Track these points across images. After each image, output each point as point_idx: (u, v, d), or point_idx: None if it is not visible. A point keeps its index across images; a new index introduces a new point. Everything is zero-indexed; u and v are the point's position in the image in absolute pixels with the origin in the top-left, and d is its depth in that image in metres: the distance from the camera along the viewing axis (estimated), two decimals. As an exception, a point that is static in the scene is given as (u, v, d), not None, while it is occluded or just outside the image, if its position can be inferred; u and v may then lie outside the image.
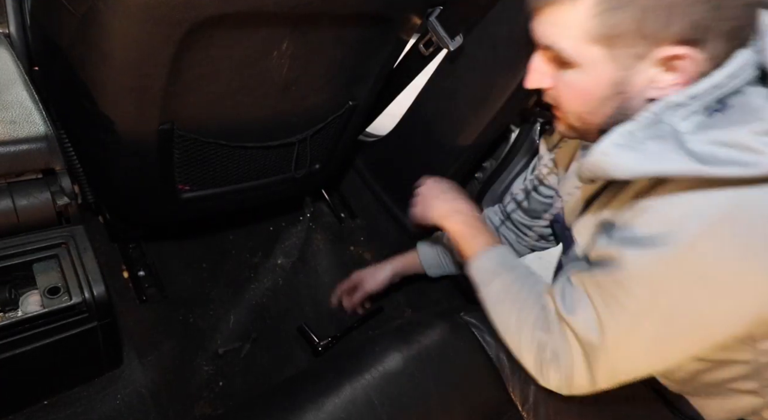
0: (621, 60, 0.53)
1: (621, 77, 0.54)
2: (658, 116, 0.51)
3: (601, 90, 0.56)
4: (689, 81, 0.52)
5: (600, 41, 0.52)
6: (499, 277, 0.71)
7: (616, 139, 0.52)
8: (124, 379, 0.88)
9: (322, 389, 0.70)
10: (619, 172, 0.51)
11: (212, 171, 0.95)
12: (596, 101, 0.57)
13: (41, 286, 0.67)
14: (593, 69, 0.55)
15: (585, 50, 0.54)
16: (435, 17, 0.97)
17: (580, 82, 0.57)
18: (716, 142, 0.47)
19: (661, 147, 0.49)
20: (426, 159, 1.20)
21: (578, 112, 0.60)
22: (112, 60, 0.64)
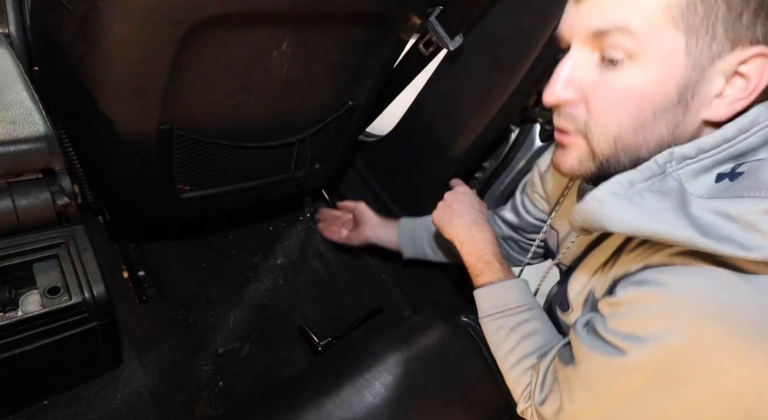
0: (699, 56, 0.43)
1: (693, 81, 0.44)
2: (662, 168, 0.46)
3: (664, 94, 0.46)
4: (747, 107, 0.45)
5: (686, 25, 0.43)
6: (496, 321, 0.73)
7: (614, 187, 0.46)
8: (124, 379, 0.88)
9: (322, 389, 0.70)
10: (613, 226, 0.45)
11: (212, 171, 0.95)
12: (652, 111, 0.47)
13: (41, 286, 0.67)
14: (665, 63, 0.44)
15: (663, 36, 0.44)
16: (435, 17, 0.97)
17: (640, 82, 0.46)
18: (720, 212, 0.41)
19: (661, 204, 0.44)
20: (426, 159, 1.20)
21: (619, 130, 0.49)
22: (112, 60, 0.64)
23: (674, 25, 0.43)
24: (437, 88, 1.12)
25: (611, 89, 0.48)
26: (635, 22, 0.44)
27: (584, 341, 0.54)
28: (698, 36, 0.43)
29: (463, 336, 0.82)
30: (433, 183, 1.20)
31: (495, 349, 0.74)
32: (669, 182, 0.45)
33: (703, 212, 0.42)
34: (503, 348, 0.72)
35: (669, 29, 0.43)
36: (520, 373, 0.69)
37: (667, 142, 0.48)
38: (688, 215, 0.42)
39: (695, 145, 0.45)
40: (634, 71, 0.46)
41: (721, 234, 0.40)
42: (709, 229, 0.41)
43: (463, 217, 0.83)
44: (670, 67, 0.44)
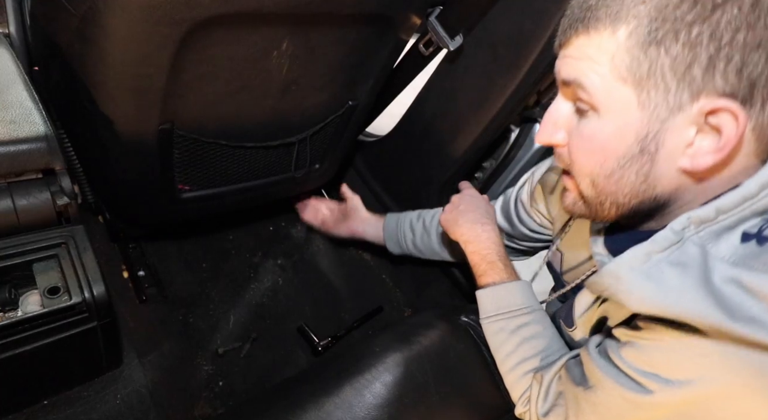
0: (654, 108, 0.43)
1: (651, 131, 0.44)
2: (679, 235, 0.43)
3: (625, 146, 0.46)
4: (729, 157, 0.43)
5: (632, 81, 0.43)
6: (497, 323, 0.74)
7: (630, 261, 0.44)
8: (124, 379, 0.88)
9: (322, 389, 0.70)
10: (633, 305, 0.44)
11: (212, 171, 0.95)
12: (616, 160, 0.47)
13: (41, 286, 0.67)
14: (619, 116, 0.45)
15: (614, 90, 0.44)
16: (435, 17, 0.97)
17: (601, 133, 0.47)
18: (747, 288, 0.39)
19: (682, 280, 0.41)
20: (426, 159, 1.20)
21: (593, 175, 0.50)
22: (112, 60, 0.64)
23: (622, 79, 0.44)
24: (437, 88, 1.12)
25: (582, 137, 0.49)
26: (588, 78, 0.45)
27: (599, 366, 0.53)
28: (649, 89, 0.43)
29: (463, 336, 0.82)
30: (433, 183, 1.20)
31: (495, 350, 0.74)
32: (688, 249, 0.43)
33: (729, 286, 0.39)
34: (503, 350, 0.72)
35: (618, 84, 0.44)
36: (519, 376, 0.69)
37: (642, 189, 0.48)
38: (713, 291, 0.40)
39: (714, 207, 0.43)
40: (596, 122, 0.47)
41: (749, 314, 0.38)
42: (736, 309, 0.38)
43: (468, 216, 0.83)
44: (625, 120, 0.45)
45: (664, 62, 0.41)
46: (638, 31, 0.42)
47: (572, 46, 0.47)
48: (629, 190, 0.48)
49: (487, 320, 0.75)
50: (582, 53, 0.46)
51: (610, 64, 0.44)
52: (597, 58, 0.44)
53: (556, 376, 0.64)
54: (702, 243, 0.43)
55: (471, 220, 0.83)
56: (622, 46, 0.43)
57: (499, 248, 0.80)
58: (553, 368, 0.65)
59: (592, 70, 0.45)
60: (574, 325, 0.68)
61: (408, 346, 0.77)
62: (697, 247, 0.43)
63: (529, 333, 0.71)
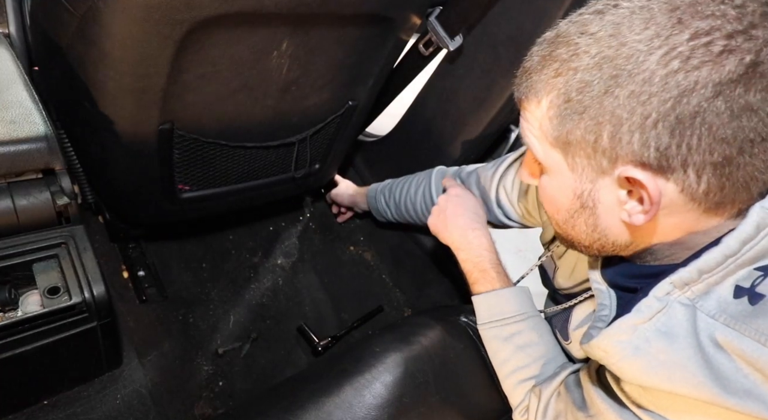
0: (582, 171, 0.45)
1: (585, 190, 0.46)
2: (662, 301, 0.43)
3: (568, 201, 0.49)
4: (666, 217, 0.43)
5: (558, 146, 0.46)
6: (491, 330, 0.74)
7: (617, 335, 0.44)
8: (124, 379, 0.88)
9: (322, 389, 0.70)
10: (626, 378, 0.45)
11: (212, 171, 0.95)
12: (565, 212, 0.50)
13: (41, 286, 0.67)
14: (557, 175, 0.48)
15: (547, 152, 0.48)
16: (435, 17, 0.97)
17: (549, 188, 0.51)
18: (741, 357, 0.38)
19: (670, 355, 0.41)
20: (426, 159, 1.20)
21: (554, 220, 0.54)
22: (111, 60, 0.64)
23: (551, 145, 0.47)
24: (437, 88, 1.12)
25: (540, 187, 0.53)
26: (529, 140, 0.49)
27: (600, 397, 0.53)
28: (573, 154, 0.45)
29: (463, 336, 0.82)
30: (433, 183, 1.20)
31: (491, 356, 0.74)
32: (676, 312, 0.42)
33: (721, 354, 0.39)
34: (498, 357, 0.73)
35: (549, 148, 0.47)
36: (515, 384, 0.69)
37: (596, 237, 0.49)
38: (705, 361, 0.39)
39: (695, 268, 0.42)
40: (545, 178, 0.51)
41: (743, 387, 0.38)
42: (731, 380, 0.38)
43: (457, 221, 0.81)
44: (562, 179, 0.48)
45: (578, 132, 0.43)
46: (555, 103, 0.44)
47: (522, 107, 0.50)
48: (585, 237, 0.51)
49: (482, 327, 0.75)
50: (524, 116, 0.49)
51: (540, 130, 0.47)
52: (532, 122, 0.48)
53: (555, 392, 0.63)
54: (690, 302, 0.42)
55: (460, 225, 0.81)
56: (545, 115, 0.45)
57: (491, 255, 0.78)
58: (552, 384, 0.64)
59: (530, 133, 0.49)
60: (569, 339, 0.68)
61: (408, 346, 0.77)
62: (685, 307, 0.42)
63: (523, 341, 0.71)
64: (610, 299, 0.54)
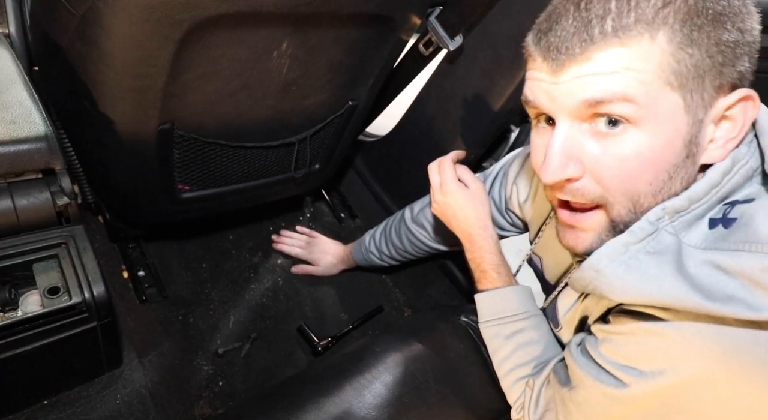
0: (696, 109, 0.43)
1: (693, 134, 0.44)
2: (654, 225, 0.44)
3: (675, 154, 0.44)
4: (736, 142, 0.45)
5: (680, 84, 0.42)
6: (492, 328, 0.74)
7: (609, 254, 0.45)
8: (124, 379, 0.88)
9: (323, 389, 0.70)
10: (615, 296, 0.45)
11: (212, 171, 0.95)
12: (667, 172, 0.45)
13: (41, 286, 0.67)
14: (669, 124, 0.43)
15: (662, 97, 0.42)
16: (435, 17, 0.97)
17: (649, 147, 0.44)
18: (721, 268, 0.40)
19: (659, 268, 0.43)
20: (426, 159, 1.19)
21: (638, 195, 0.46)
22: (111, 60, 0.64)
23: (670, 85, 0.42)
24: (437, 88, 1.12)
25: (620, 159, 0.45)
26: (632, 89, 0.42)
27: (579, 365, 0.54)
28: (692, 91, 0.43)
29: (463, 336, 0.82)
30: (433, 183, 1.20)
31: (492, 354, 0.75)
32: (664, 238, 0.44)
33: (704, 268, 0.41)
34: (499, 355, 0.73)
35: (666, 90, 0.42)
36: (513, 381, 0.70)
37: (675, 192, 0.46)
38: (688, 277, 0.41)
39: (686, 197, 0.44)
40: (640, 137, 0.44)
41: (725, 293, 0.39)
42: (713, 290, 0.40)
43: (459, 219, 0.81)
44: (674, 126, 0.43)
45: (703, 61, 0.42)
46: (677, 34, 0.41)
47: (596, 60, 0.42)
48: (668, 198, 0.46)
49: (483, 325, 0.75)
50: (617, 65, 0.42)
51: (657, 70, 0.42)
52: (639, 66, 0.42)
53: (546, 380, 0.64)
54: (675, 232, 0.44)
55: (463, 228, 0.80)
56: (666, 50, 0.41)
57: (492, 256, 0.78)
58: (543, 373, 0.65)
59: (636, 80, 0.42)
60: (560, 325, 0.69)
61: (408, 346, 0.77)
62: (671, 236, 0.44)
63: (524, 339, 0.71)
64: None
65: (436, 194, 0.83)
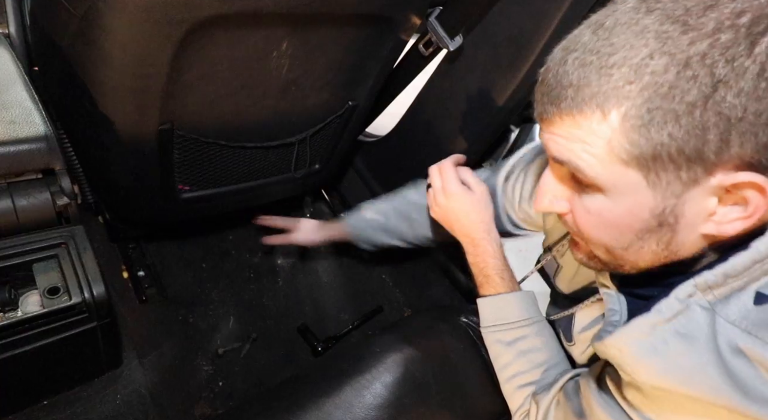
0: (666, 186, 0.40)
1: (667, 206, 0.41)
2: (684, 303, 0.41)
3: (640, 222, 0.42)
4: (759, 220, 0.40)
5: (637, 163, 0.39)
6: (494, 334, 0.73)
7: (634, 335, 0.42)
8: (124, 379, 0.88)
9: (323, 389, 0.70)
10: (640, 379, 0.43)
11: (212, 171, 0.95)
12: (632, 235, 0.44)
13: (41, 286, 0.67)
14: (628, 196, 0.41)
15: (616, 173, 0.40)
16: (435, 17, 0.97)
17: (611, 212, 0.43)
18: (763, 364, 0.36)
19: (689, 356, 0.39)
20: (426, 159, 1.19)
21: (608, 247, 0.46)
22: (111, 60, 0.64)
23: (623, 163, 0.40)
24: (437, 88, 1.12)
25: (587, 211, 0.45)
26: (584, 162, 0.41)
27: (600, 405, 0.51)
28: (657, 170, 0.39)
29: (463, 336, 0.82)
30: (433, 183, 1.20)
31: (493, 360, 0.74)
32: (695, 315, 0.40)
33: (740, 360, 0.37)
34: (500, 361, 0.72)
35: (620, 166, 0.40)
36: (515, 388, 0.69)
37: (665, 255, 0.44)
38: (724, 366, 0.38)
39: (721, 272, 0.40)
40: (603, 201, 0.43)
41: (764, 395, 0.36)
42: (750, 388, 0.37)
43: (463, 230, 0.78)
44: (636, 199, 0.41)
45: (669, 144, 0.37)
46: (633, 113, 0.38)
47: (557, 125, 0.42)
48: (650, 257, 0.45)
49: (485, 330, 0.74)
50: (571, 135, 0.41)
51: (606, 147, 0.40)
52: (590, 141, 0.40)
53: (555, 400, 0.63)
54: (710, 306, 0.40)
55: (466, 231, 0.78)
56: (617, 130, 0.39)
57: (495, 261, 0.75)
58: (551, 391, 0.63)
59: (586, 152, 0.41)
60: (573, 341, 0.67)
61: (408, 346, 0.77)
62: (705, 310, 0.40)
63: (526, 346, 0.70)
64: (620, 304, 0.51)
65: (438, 197, 0.80)
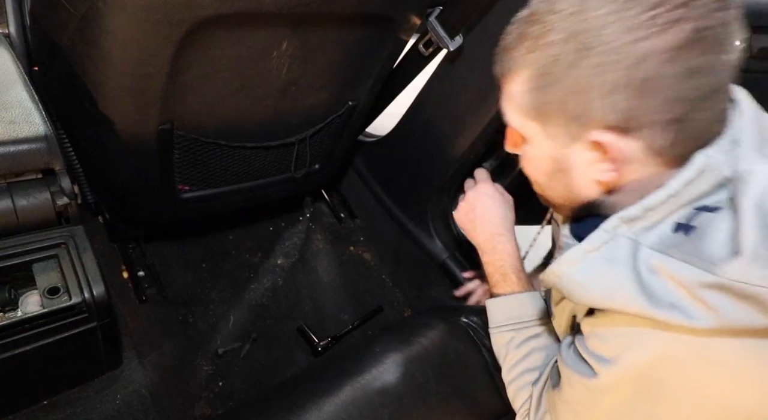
0: (557, 138, 0.51)
1: (560, 155, 0.52)
2: (611, 233, 0.48)
3: (545, 165, 0.55)
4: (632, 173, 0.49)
5: (535, 117, 0.52)
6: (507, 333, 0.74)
7: (569, 260, 0.50)
8: (124, 379, 0.88)
9: (322, 389, 0.70)
10: (574, 298, 0.51)
11: (212, 171, 0.95)
12: (545, 176, 0.57)
13: (41, 286, 0.67)
14: (535, 144, 0.54)
15: (525, 124, 0.53)
16: (435, 17, 0.97)
17: (529, 155, 0.57)
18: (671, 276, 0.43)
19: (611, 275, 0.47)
20: (426, 159, 1.20)
21: (535, 183, 0.60)
22: (111, 60, 0.64)
23: (528, 116, 0.52)
24: (437, 89, 1.12)
25: (522, 155, 0.59)
26: (510, 116, 0.55)
27: (567, 364, 0.56)
28: (549, 124, 0.51)
29: (463, 336, 0.82)
30: (433, 183, 1.20)
31: (501, 359, 0.74)
32: (620, 243, 0.48)
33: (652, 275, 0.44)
34: (510, 360, 0.72)
35: (527, 120, 0.53)
36: (521, 387, 0.69)
37: (570, 197, 0.56)
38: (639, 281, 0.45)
39: (641, 206, 0.47)
40: (527, 148, 0.57)
41: (669, 301, 0.43)
42: (659, 297, 0.43)
43: (485, 225, 0.82)
44: (540, 147, 0.54)
45: (553, 103, 0.49)
46: (530, 77, 0.49)
47: (500, 83, 0.55)
48: (559, 195, 0.57)
49: (497, 330, 0.75)
50: (504, 91, 0.55)
51: (517, 104, 0.52)
52: (510, 97, 0.53)
53: (544, 385, 0.65)
54: (635, 236, 0.47)
55: (488, 230, 0.82)
56: (521, 89, 0.51)
57: (513, 261, 0.79)
58: (542, 380, 0.65)
59: (510, 108, 0.54)
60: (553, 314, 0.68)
61: (408, 346, 0.77)
62: (629, 240, 0.47)
63: (538, 344, 0.71)
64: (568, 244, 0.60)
65: (470, 193, 0.87)
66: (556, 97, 0.48)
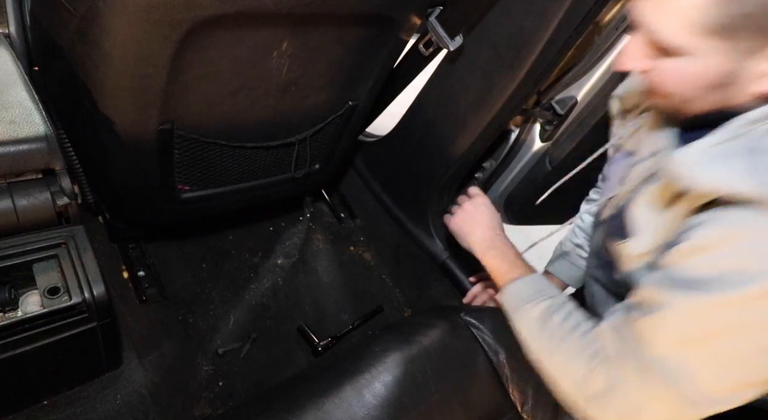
0: (733, 53, 0.51)
1: (731, 70, 0.52)
2: (734, 131, 0.52)
3: (708, 81, 0.54)
4: None
5: (713, 33, 0.50)
6: (535, 304, 0.69)
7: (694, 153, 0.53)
8: (124, 379, 0.88)
9: (323, 389, 0.70)
10: (696, 187, 0.52)
11: (212, 171, 0.95)
12: (699, 90, 0.55)
13: (41, 286, 0.67)
14: (701, 60, 0.52)
15: (694, 41, 0.51)
16: (435, 17, 0.97)
17: (684, 72, 0.54)
18: None
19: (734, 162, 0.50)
20: (426, 159, 1.20)
21: (677, 99, 0.58)
22: (111, 60, 0.64)
23: (707, 33, 0.50)
24: (437, 89, 1.12)
25: (665, 71, 0.56)
26: (671, 33, 0.52)
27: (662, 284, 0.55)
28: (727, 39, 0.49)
29: (463, 336, 0.82)
30: (433, 183, 1.20)
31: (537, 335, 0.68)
32: (741, 142, 0.51)
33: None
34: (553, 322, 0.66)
35: (702, 36, 0.50)
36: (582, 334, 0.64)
37: (721, 105, 0.55)
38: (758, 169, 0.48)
39: (761, 112, 0.51)
40: (679, 63, 0.53)
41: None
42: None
43: (483, 228, 0.88)
44: (707, 63, 0.52)
45: (741, 17, 0.47)
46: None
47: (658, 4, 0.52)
48: (709, 105, 0.56)
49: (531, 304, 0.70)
50: (662, 6, 0.51)
51: (690, 17, 0.49)
52: (677, 11, 0.50)
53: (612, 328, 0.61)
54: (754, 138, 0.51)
55: (487, 232, 0.87)
56: (700, 4, 0.49)
57: (516, 251, 0.83)
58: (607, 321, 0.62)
59: (672, 24, 0.51)
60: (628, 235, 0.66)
61: (408, 346, 0.77)
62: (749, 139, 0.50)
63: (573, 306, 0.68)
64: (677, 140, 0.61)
65: (466, 203, 0.91)
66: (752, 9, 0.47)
